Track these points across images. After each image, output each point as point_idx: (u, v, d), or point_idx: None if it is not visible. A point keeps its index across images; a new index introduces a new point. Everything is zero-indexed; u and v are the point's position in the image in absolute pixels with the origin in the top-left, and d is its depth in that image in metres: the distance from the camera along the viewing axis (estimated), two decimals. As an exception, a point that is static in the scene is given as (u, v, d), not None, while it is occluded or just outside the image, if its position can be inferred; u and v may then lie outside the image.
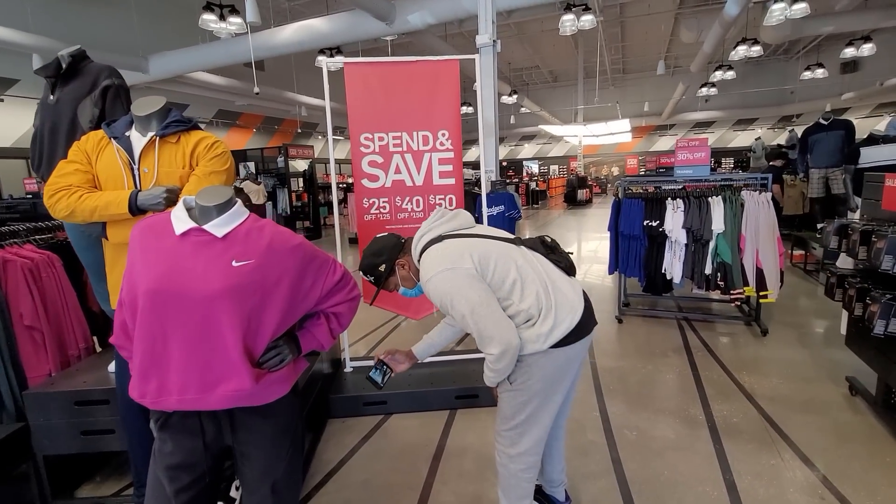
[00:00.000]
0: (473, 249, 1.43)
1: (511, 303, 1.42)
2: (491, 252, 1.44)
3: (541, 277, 1.45)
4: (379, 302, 3.02)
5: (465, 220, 1.59)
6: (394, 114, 2.84)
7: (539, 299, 1.42)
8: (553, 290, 1.44)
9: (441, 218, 1.57)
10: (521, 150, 23.94)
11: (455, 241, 1.48)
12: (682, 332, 3.87)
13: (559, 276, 1.50)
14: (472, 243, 1.46)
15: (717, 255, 3.67)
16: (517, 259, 1.46)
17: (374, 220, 2.92)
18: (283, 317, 1.19)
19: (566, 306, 1.45)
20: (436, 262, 1.43)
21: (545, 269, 1.49)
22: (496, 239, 1.52)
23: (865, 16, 12.85)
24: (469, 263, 1.40)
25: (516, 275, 1.43)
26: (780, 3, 9.28)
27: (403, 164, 2.89)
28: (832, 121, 5.36)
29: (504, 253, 1.46)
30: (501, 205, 5.94)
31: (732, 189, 3.75)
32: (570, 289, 1.49)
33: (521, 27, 15.06)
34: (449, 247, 1.46)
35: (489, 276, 1.41)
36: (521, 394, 1.48)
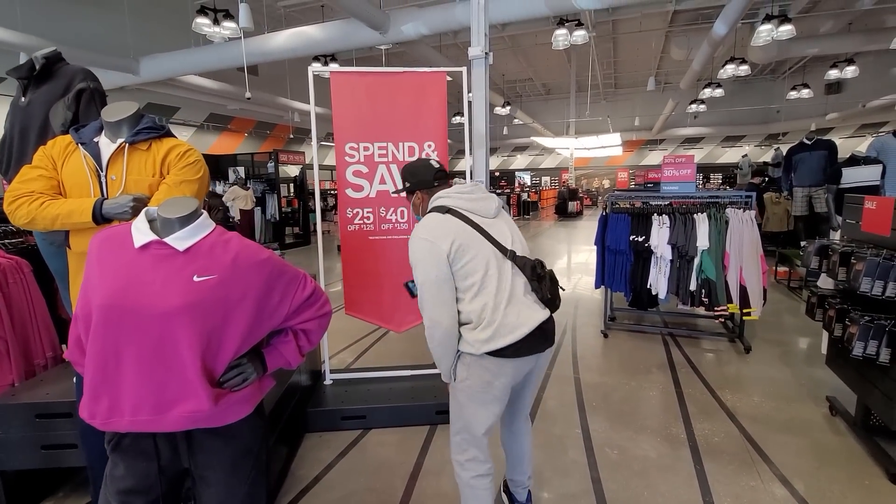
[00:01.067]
0: (459, 237, 1.48)
1: (462, 299, 1.51)
2: (471, 248, 1.48)
3: (499, 294, 1.48)
4: (360, 313, 2.98)
5: (484, 207, 1.59)
6: (380, 124, 2.81)
7: (483, 311, 1.48)
8: (504, 309, 1.48)
9: (466, 193, 1.60)
10: (513, 160, 24.08)
11: (453, 221, 1.52)
12: (667, 348, 3.86)
13: (522, 301, 1.52)
14: (463, 232, 1.50)
15: (702, 271, 3.68)
16: (490, 268, 1.50)
17: (358, 231, 2.88)
18: (246, 334, 1.14)
19: (506, 328, 1.47)
20: (424, 228, 1.53)
21: (512, 289, 1.51)
22: (491, 241, 1.53)
23: (849, 39, 13.19)
24: (446, 246, 1.46)
25: (478, 280, 1.48)
26: (767, 24, 9.53)
27: (389, 174, 2.86)
28: (815, 140, 5.44)
29: (484, 256, 1.50)
30: (490, 216, 5.93)
31: (717, 206, 3.77)
32: (523, 315, 1.50)
33: (514, 40, 15.22)
34: (443, 222, 1.52)
35: (457, 266, 1.48)
36: (460, 394, 1.58)
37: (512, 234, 1.60)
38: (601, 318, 4.50)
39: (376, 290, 2.95)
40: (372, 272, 2.93)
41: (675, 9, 12.55)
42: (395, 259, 2.93)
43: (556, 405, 2.95)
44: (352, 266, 2.91)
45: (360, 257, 2.91)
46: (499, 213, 1.63)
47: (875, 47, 13.05)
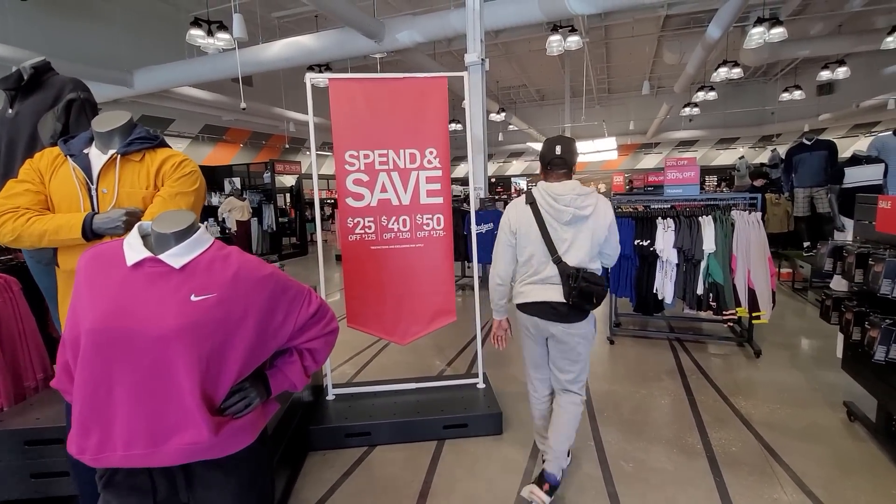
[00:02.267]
0: (519, 225, 1.98)
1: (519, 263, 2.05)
2: (523, 236, 1.98)
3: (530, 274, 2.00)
4: (362, 325, 2.89)
5: (559, 215, 1.90)
6: (380, 131, 2.75)
7: (518, 279, 2.06)
8: (526, 285, 2.02)
9: (552, 199, 1.91)
10: (509, 166, 24.09)
11: (525, 211, 1.98)
12: (675, 354, 3.78)
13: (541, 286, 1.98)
14: (525, 223, 1.97)
15: (709, 275, 3.61)
16: (534, 256, 1.97)
17: (359, 241, 2.80)
18: (248, 357, 1.06)
19: (521, 295, 2.05)
20: (513, 204, 2.08)
21: (542, 276, 1.97)
22: (545, 240, 1.93)
23: (840, 40, 13.30)
24: (511, 225, 2.01)
25: (524, 258, 2.01)
26: (759, 27, 9.61)
27: (390, 182, 2.79)
28: (815, 141, 5.42)
29: (531, 246, 1.97)
30: (490, 223, 5.87)
31: (722, 209, 3.71)
32: (535, 292, 1.99)
33: (508, 47, 15.26)
34: (519, 208, 2.01)
35: (515, 241, 2.02)
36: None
37: (577, 239, 1.91)
38: (606, 323, 4.42)
39: (379, 302, 2.87)
40: (374, 283, 2.85)
41: (666, 13, 12.66)
42: (397, 269, 2.86)
43: (567, 416, 2.86)
44: (353, 277, 2.83)
45: (361, 268, 2.83)
46: (575, 220, 1.89)
47: (865, 48, 13.15)
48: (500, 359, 3.76)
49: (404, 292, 2.88)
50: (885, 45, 10.54)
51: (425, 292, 2.91)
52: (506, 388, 3.24)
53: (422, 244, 2.87)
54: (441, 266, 2.91)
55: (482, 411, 2.69)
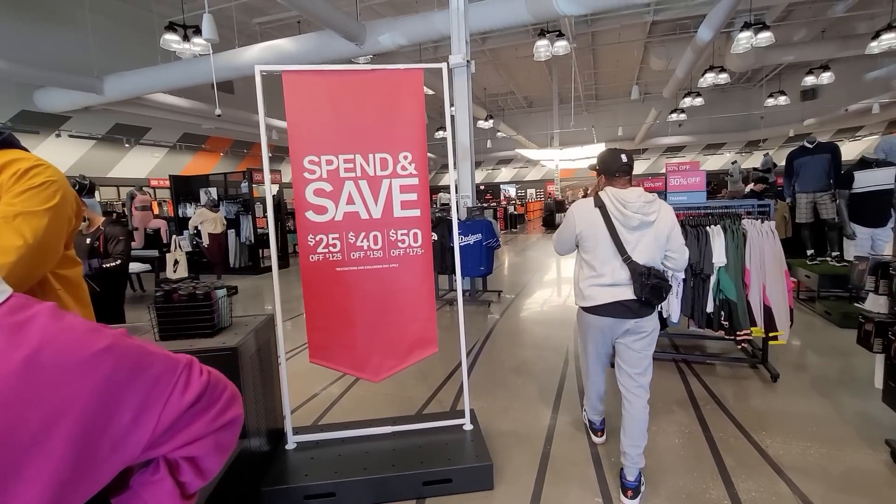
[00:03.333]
0: (586, 227, 2.09)
1: (583, 254, 2.16)
2: (590, 238, 2.08)
3: (597, 274, 2.07)
4: (327, 360, 2.44)
5: (627, 221, 2.00)
6: (345, 132, 2.32)
7: (582, 280, 2.15)
8: (591, 287, 2.10)
9: (621, 205, 2.00)
10: (497, 173, 23.83)
11: (594, 214, 2.06)
12: (684, 378, 3.39)
13: (610, 287, 2.05)
14: (592, 225, 2.06)
15: (720, 291, 3.23)
16: (600, 256, 2.06)
17: (322, 261, 2.36)
18: (59, 490, 0.62)
19: (587, 298, 2.12)
20: (579, 205, 2.16)
21: (610, 276, 2.04)
22: (615, 241, 2.01)
23: (823, 46, 13.29)
24: (577, 227, 2.12)
25: (589, 258, 2.11)
26: (746, 31, 9.47)
27: (357, 192, 2.36)
28: (817, 144, 5.12)
29: (600, 247, 2.06)
30: (478, 233, 5.46)
31: (732, 217, 3.35)
32: (604, 293, 2.06)
33: (495, 53, 15.02)
34: (587, 210, 2.09)
35: (581, 240, 2.14)
36: (579, 333, 2.36)
37: (641, 242, 2.00)
38: (605, 343, 4.04)
39: (347, 332, 2.43)
40: (341, 310, 2.41)
41: (653, 19, 12.49)
42: (369, 293, 2.42)
43: (567, 463, 2.43)
44: (316, 304, 2.39)
45: (325, 292, 2.39)
46: (642, 224, 1.99)
47: (848, 53, 13.14)
48: (490, 384, 3.34)
49: (377, 321, 2.45)
50: (869, 50, 10.45)
51: (402, 320, 2.47)
52: (497, 424, 2.81)
53: (396, 264, 2.44)
54: (419, 289, 2.48)
55: (470, 462, 2.25)
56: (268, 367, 2.38)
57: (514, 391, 3.31)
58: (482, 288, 6.20)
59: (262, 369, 2.29)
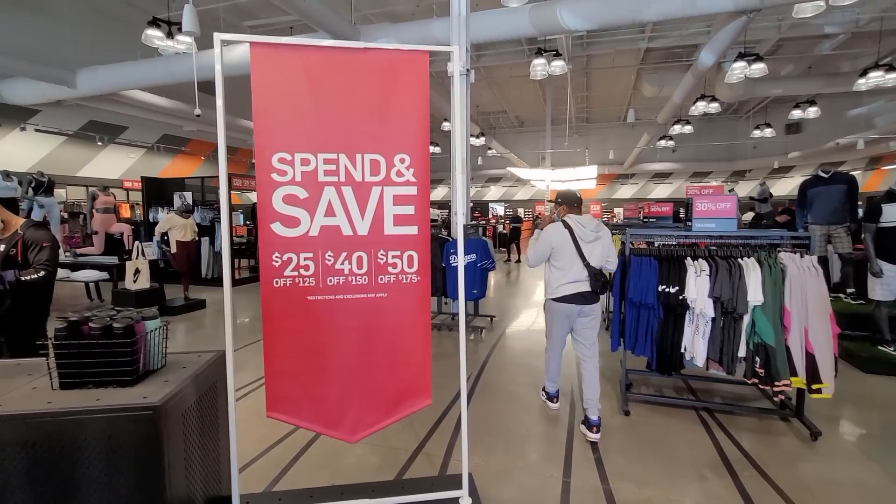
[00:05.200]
0: (560, 242, 2.83)
1: (552, 267, 2.90)
2: (563, 250, 2.83)
3: (566, 276, 2.83)
4: (290, 414, 1.89)
5: (586, 236, 2.82)
6: (327, 126, 1.82)
7: (556, 281, 2.87)
8: (563, 284, 2.83)
9: (581, 226, 2.83)
10: (487, 191, 23.55)
11: (564, 232, 2.83)
12: (709, 432, 2.91)
13: (575, 284, 2.82)
14: (565, 241, 2.82)
15: (755, 333, 2.79)
16: (570, 263, 2.82)
17: (291, 288, 1.83)
18: None
19: (558, 290, 2.86)
20: (554, 226, 2.89)
21: (574, 276, 2.81)
22: (578, 251, 2.81)
23: (809, 82, 13.46)
24: (554, 242, 2.84)
25: (561, 265, 2.84)
26: (740, 62, 9.45)
27: (340, 202, 1.86)
28: (833, 174, 4.81)
29: (569, 256, 2.82)
30: (473, 253, 4.97)
31: (768, 249, 2.93)
32: (570, 287, 2.82)
33: (490, 71, 14.81)
34: (560, 230, 2.84)
35: (554, 254, 2.86)
36: (547, 318, 3.04)
37: (594, 251, 2.82)
38: (614, 385, 3.55)
39: (318, 379, 1.89)
40: (311, 350, 1.87)
41: (647, 46, 12.46)
42: (349, 329, 1.90)
43: (591, 552, 1.91)
44: (278, 341, 1.84)
45: (291, 327, 1.85)
46: (596, 239, 2.83)
47: (833, 90, 13.33)
48: (486, 434, 2.80)
49: (357, 365, 1.91)
50: (857, 87, 10.56)
51: (389, 364, 1.94)
52: (498, 491, 2.28)
53: (385, 294, 1.92)
54: (413, 326, 1.96)
55: (469, 556, 1.72)
56: (211, 422, 1.82)
57: (515, 444, 2.78)
58: (474, 312, 5.69)
59: (202, 426, 1.73)
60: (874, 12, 10.49)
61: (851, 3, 6.95)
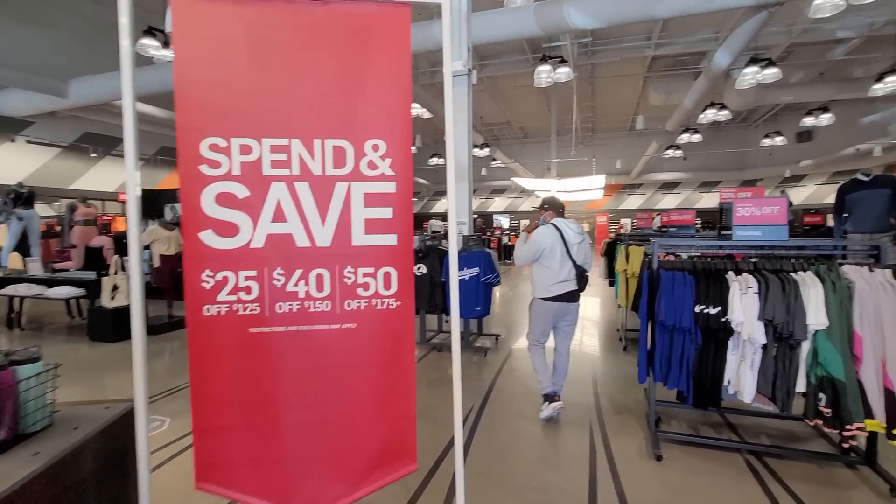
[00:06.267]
0: (552, 243, 2.99)
1: (541, 266, 3.04)
2: (554, 250, 2.99)
3: (557, 276, 2.98)
4: (225, 484, 1.39)
5: (572, 237, 3.01)
6: (276, 103, 1.37)
7: (546, 280, 3.01)
8: (554, 284, 2.99)
9: (567, 227, 3.05)
10: (491, 203, 23.13)
11: (555, 233, 3.01)
12: (761, 482, 2.37)
13: (564, 282, 3.00)
14: (555, 241, 2.99)
15: (818, 364, 2.27)
16: (560, 263, 2.98)
17: (227, 317, 1.36)
18: None
19: (550, 291, 3.00)
20: (545, 228, 3.08)
21: (564, 276, 2.99)
22: (567, 251, 3.00)
23: (822, 88, 13.04)
24: (545, 243, 3.00)
25: (551, 265, 2.99)
26: (752, 66, 9.08)
27: (293, 202, 1.39)
28: (874, 177, 4.31)
29: (559, 256, 2.98)
30: (476, 267, 4.49)
31: (828, 261, 2.43)
32: (560, 287, 2.99)
33: (493, 81, 14.50)
34: (551, 232, 3.02)
35: (544, 254, 3.00)
36: (533, 316, 3.14)
37: (580, 252, 3.02)
38: (639, 419, 3.03)
39: (265, 438, 1.40)
40: (256, 400, 1.39)
41: (653, 54, 12.09)
42: (306, 371, 1.42)
43: None
44: (212, 389, 1.37)
45: (227, 369, 1.37)
46: (581, 241, 3.05)
47: (846, 96, 12.88)
48: (492, 488, 2.28)
49: (316, 419, 1.43)
50: (873, 92, 10.17)
51: (359, 418, 1.46)
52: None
53: (354, 324, 1.44)
54: (392, 366, 1.48)
55: None
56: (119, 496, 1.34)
57: (526, 501, 2.26)
58: (477, 331, 5.18)
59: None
60: (889, 15, 10.06)
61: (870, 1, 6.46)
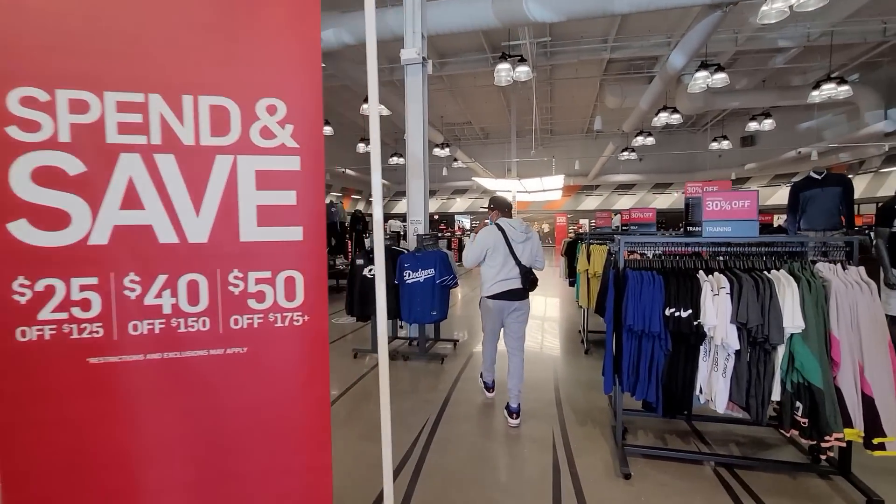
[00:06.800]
0: (495, 242, 2.97)
1: (486, 265, 3.03)
2: (498, 249, 2.96)
3: (499, 274, 2.95)
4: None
5: (516, 236, 2.99)
6: (125, 42, 0.98)
7: (491, 278, 2.99)
8: (498, 282, 2.96)
9: (512, 227, 3.01)
10: (452, 203, 22.90)
11: (498, 233, 2.97)
12: (735, 499, 2.17)
13: (507, 280, 2.95)
14: (499, 240, 2.96)
15: (794, 370, 2.09)
16: (503, 262, 2.95)
17: (51, 343, 0.95)
18: None
19: (492, 289, 2.98)
20: (489, 228, 3.05)
21: (506, 274, 2.95)
22: (510, 250, 2.96)
23: (764, 95, 13.65)
24: (489, 242, 2.97)
25: (494, 264, 2.97)
26: (703, 71, 9.37)
27: (152, 182, 1.00)
28: (826, 175, 4.31)
29: (503, 255, 2.95)
30: (430, 268, 4.16)
31: (801, 260, 2.26)
32: (503, 285, 2.95)
33: (453, 80, 14.25)
34: (495, 232, 2.99)
35: (488, 253, 2.98)
36: (481, 314, 3.13)
37: (524, 251, 2.98)
38: (604, 431, 2.79)
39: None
40: (103, 459, 0.99)
41: (609, 57, 12.24)
42: (178, 416, 1.03)
43: None
44: (34, 447, 0.95)
45: (59, 419, 0.96)
46: (526, 240, 3.01)
47: (786, 103, 13.58)
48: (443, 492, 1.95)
49: (192, 481, 1.04)
50: (811, 99, 10.72)
51: (253, 475, 1.08)
52: None
53: (244, 348, 1.07)
54: (298, 404, 1.11)
55: None
56: None
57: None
58: (434, 336, 4.85)
59: None
60: (824, 27, 10.60)
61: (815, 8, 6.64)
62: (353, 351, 4.55)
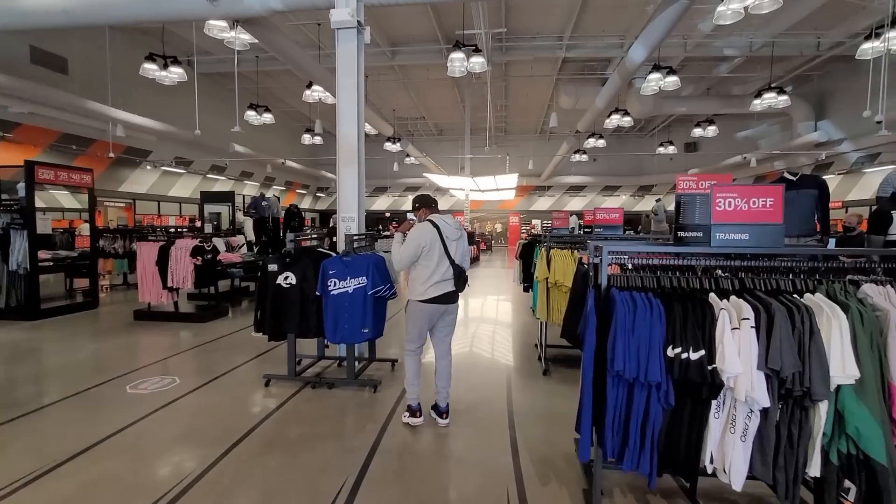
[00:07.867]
0: (431, 240, 2.77)
1: (418, 266, 2.82)
2: (433, 248, 2.77)
3: (434, 276, 2.77)
4: None
5: (451, 233, 2.86)
6: None
7: (424, 281, 2.77)
8: (433, 285, 2.77)
9: (446, 224, 2.87)
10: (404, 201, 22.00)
11: (433, 230, 2.80)
12: None
13: (442, 283, 2.79)
14: (434, 238, 2.78)
15: (844, 436, 1.48)
16: (438, 261, 2.78)
17: None
18: None
19: (427, 293, 2.78)
20: (421, 226, 2.84)
21: (441, 276, 2.78)
22: (444, 249, 2.80)
23: (709, 102, 13.92)
24: (424, 241, 2.77)
25: (430, 263, 2.78)
26: (656, 73, 9.20)
27: None
28: (801, 177, 3.91)
29: (437, 254, 2.78)
30: (362, 276, 3.33)
31: (842, 279, 1.67)
32: (438, 288, 2.78)
33: (406, 71, 13.38)
34: (429, 229, 2.80)
35: (424, 252, 2.78)
36: (409, 318, 2.89)
37: (458, 249, 2.86)
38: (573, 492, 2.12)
39: None
40: None
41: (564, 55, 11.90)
42: None
43: None
44: None
45: None
46: (459, 237, 2.89)
47: (729, 111, 13.93)
48: None
49: None
50: (753, 107, 10.94)
51: None
52: None
53: None
54: None
55: None
56: None
57: None
58: (368, 356, 4.02)
59: None
60: (766, 37, 10.74)
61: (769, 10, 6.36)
62: (265, 378, 3.63)
